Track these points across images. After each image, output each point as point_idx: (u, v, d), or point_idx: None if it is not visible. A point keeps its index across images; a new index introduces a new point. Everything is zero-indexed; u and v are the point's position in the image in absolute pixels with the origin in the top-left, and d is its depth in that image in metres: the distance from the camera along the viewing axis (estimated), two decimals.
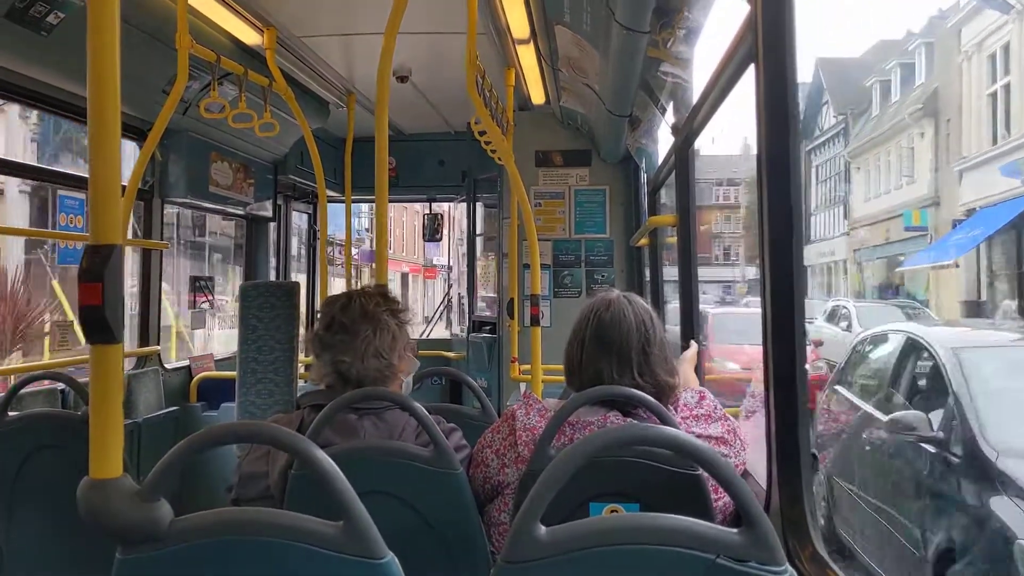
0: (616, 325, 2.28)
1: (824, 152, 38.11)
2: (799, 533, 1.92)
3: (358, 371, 2.38)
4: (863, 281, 32.63)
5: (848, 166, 35.26)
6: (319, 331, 2.46)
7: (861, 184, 33.66)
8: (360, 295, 2.47)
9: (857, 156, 34.15)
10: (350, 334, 2.39)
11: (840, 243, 35.06)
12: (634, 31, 3.39)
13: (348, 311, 2.42)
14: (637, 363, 2.25)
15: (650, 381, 2.25)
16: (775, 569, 1.27)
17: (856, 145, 34.30)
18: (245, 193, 6.24)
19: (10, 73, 3.99)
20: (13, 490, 3.08)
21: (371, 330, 2.40)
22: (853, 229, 33.81)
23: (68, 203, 4.77)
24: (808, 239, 35.04)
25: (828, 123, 38.08)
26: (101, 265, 1.39)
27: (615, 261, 6.88)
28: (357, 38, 5.03)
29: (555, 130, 6.93)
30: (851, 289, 32.75)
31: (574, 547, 1.30)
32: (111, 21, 1.42)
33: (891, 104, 31.94)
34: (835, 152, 36.93)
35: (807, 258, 33.73)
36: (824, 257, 36.46)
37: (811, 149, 38.37)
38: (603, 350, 2.27)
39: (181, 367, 5.98)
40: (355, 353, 2.38)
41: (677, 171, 4.04)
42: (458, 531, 2.18)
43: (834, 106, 37.00)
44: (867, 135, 33.23)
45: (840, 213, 35.96)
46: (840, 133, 36.59)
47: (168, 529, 1.37)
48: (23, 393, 3.45)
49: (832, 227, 36.42)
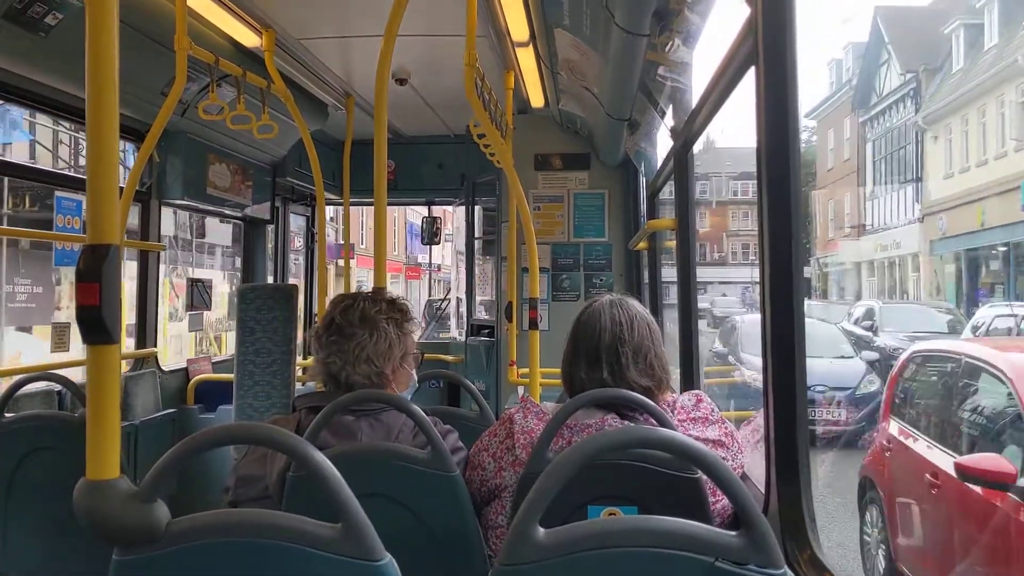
0: (613, 329, 2.28)
1: (883, 122, 30.21)
2: (798, 536, 1.92)
3: (347, 375, 2.38)
4: (941, 279, 24.99)
5: (921, 135, 27.06)
6: (319, 330, 2.46)
7: (940, 157, 25.50)
8: (365, 299, 2.47)
9: (935, 122, 26.01)
10: (344, 337, 2.39)
11: (909, 233, 27.24)
12: (633, 34, 3.39)
13: (348, 313, 2.41)
14: (635, 366, 2.25)
15: (648, 383, 2.25)
16: (774, 572, 1.26)
17: (933, 109, 26.17)
18: (243, 195, 6.24)
19: (8, 74, 3.99)
20: (9, 492, 3.07)
21: (366, 335, 2.39)
22: (930, 214, 26.08)
23: (65, 204, 4.77)
24: (862, 230, 30.89)
25: (890, 86, 29.93)
26: (98, 265, 1.39)
27: (614, 265, 6.88)
28: (356, 40, 5.03)
29: (554, 133, 6.93)
30: (926, 290, 26.03)
31: (572, 549, 1.29)
32: (110, 22, 1.42)
33: (986, 51, 23.74)
34: (900, 120, 28.96)
35: (859, 253, 28.75)
36: (884, 251, 29.03)
37: (866, 121, 31.19)
38: (601, 354, 2.26)
39: (178, 369, 5.97)
40: (345, 356, 2.38)
41: (676, 175, 4.04)
42: (455, 533, 2.18)
43: (900, 63, 28.81)
44: (948, 95, 25.37)
45: (910, 195, 27.96)
46: (908, 96, 28.52)
47: (166, 530, 1.37)
48: (19, 394, 3.44)
49: (897, 213, 28.57)
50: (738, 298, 34.07)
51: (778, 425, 1.99)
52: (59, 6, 3.68)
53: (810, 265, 31.57)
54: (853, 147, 33.26)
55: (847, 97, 33.73)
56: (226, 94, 4.86)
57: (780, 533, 1.92)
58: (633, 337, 2.28)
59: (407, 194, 8.08)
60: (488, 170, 6.87)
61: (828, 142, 35.88)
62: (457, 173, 7.81)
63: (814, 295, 30.53)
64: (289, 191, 7.59)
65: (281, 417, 2.49)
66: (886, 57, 30.02)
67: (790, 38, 1.98)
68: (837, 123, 35.10)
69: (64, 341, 4.95)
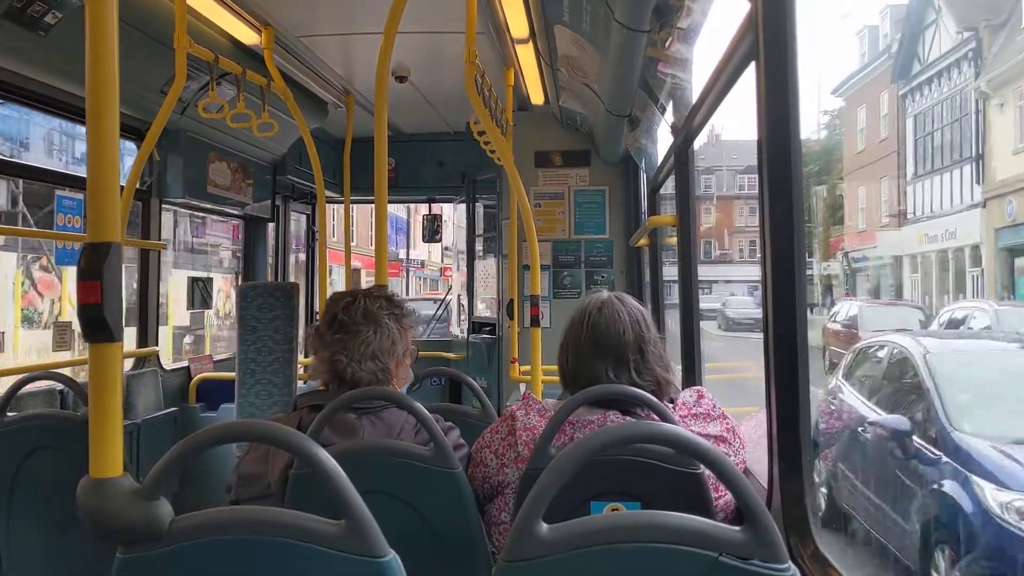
0: (611, 326, 2.27)
1: (930, 93, 25.18)
2: (801, 530, 1.92)
3: (353, 372, 2.37)
4: (1007, 274, 20.08)
5: (984, 103, 22.01)
6: (320, 328, 2.45)
7: (1008, 128, 20.69)
8: (365, 295, 2.46)
9: (1002, 87, 21.11)
10: (349, 334, 2.38)
11: (967, 220, 22.02)
12: (633, 30, 3.38)
13: (350, 310, 2.41)
14: (635, 362, 2.25)
15: (649, 379, 2.25)
16: (778, 566, 1.26)
17: (999, 71, 21.28)
18: (243, 193, 6.24)
19: (8, 73, 3.99)
20: (12, 491, 3.07)
21: (371, 331, 2.39)
22: (995, 197, 21.49)
23: (66, 203, 4.76)
24: (902, 219, 25.91)
25: (939, 49, 24.89)
26: (100, 263, 1.39)
27: (615, 262, 6.88)
28: (355, 38, 5.03)
29: (554, 130, 6.93)
30: (990, 288, 20.45)
31: (576, 545, 1.29)
32: (110, 21, 1.42)
33: None
34: (954, 87, 23.79)
35: (901, 245, 24.63)
36: (932, 243, 23.70)
37: (907, 93, 26.28)
38: (600, 353, 2.26)
39: (180, 368, 5.98)
40: (352, 354, 2.37)
41: (677, 171, 4.03)
42: (458, 530, 2.18)
43: (954, 21, 23.68)
44: (1020, 52, 20.64)
45: (967, 175, 22.67)
46: (966, 58, 23.26)
47: (169, 528, 1.36)
48: (21, 393, 3.45)
49: (950, 197, 24.04)
50: (754, 299, 30.35)
51: (780, 420, 1.99)
52: (58, 5, 3.68)
53: (837, 260, 28.75)
54: (892, 124, 27.82)
55: (884, 68, 28.48)
56: (226, 92, 4.86)
57: (783, 528, 1.92)
58: (651, 334, 2.29)
59: (407, 192, 8.07)
60: (488, 167, 6.87)
61: (858, 121, 30.32)
62: (458, 171, 7.81)
63: (837, 295, 26.44)
64: (289, 189, 7.59)
65: (282, 416, 2.49)
66: (933, 17, 24.89)
67: (790, 33, 1.98)
68: (871, 98, 29.89)
69: (66, 340, 4.95)
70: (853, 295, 25.95)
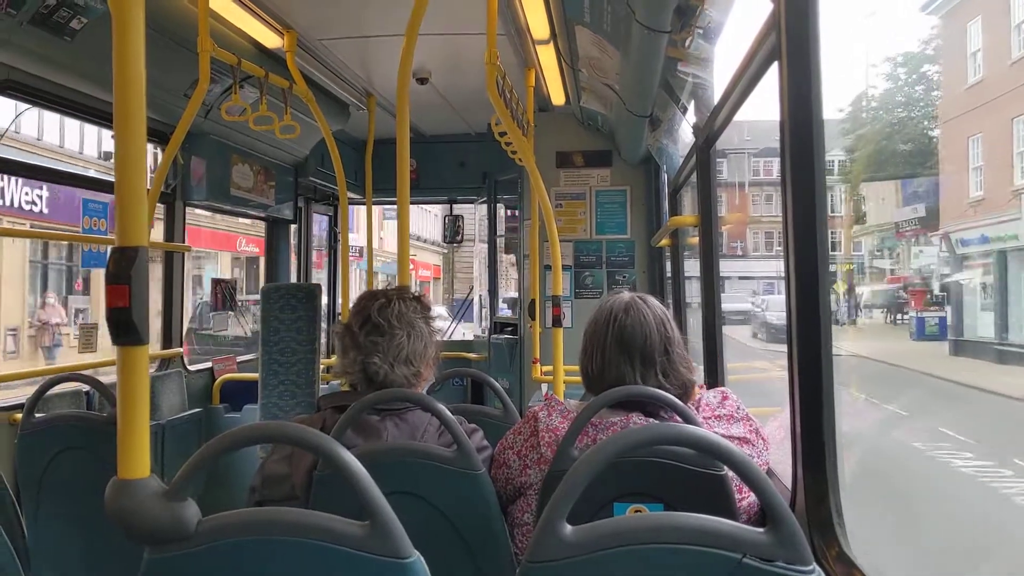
0: (637, 328, 2.26)
1: None
2: (825, 532, 1.91)
3: (386, 374, 2.35)
4: None
5: None
6: (353, 327, 2.40)
7: None
8: (399, 297, 2.43)
9: None
10: (385, 336, 2.36)
11: None
12: (655, 30, 3.38)
13: (385, 312, 2.38)
14: (661, 364, 2.25)
15: (674, 381, 2.24)
16: (803, 569, 1.26)
17: None
18: (266, 195, 6.28)
19: (36, 78, 4.03)
20: (40, 490, 3.11)
21: (405, 335, 2.37)
22: None
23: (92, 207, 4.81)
24: None
25: None
26: (127, 267, 1.40)
27: (636, 262, 6.86)
28: (376, 40, 5.05)
29: (576, 131, 6.92)
30: None
31: (599, 547, 1.30)
32: (135, 26, 1.44)
33: None
34: None
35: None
36: None
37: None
38: (626, 354, 2.25)
39: (204, 369, 6.02)
40: (386, 356, 2.35)
41: (699, 171, 4.02)
42: (481, 531, 2.19)
43: None
44: None
45: None
46: None
47: (196, 529, 1.38)
48: (49, 395, 3.49)
49: None
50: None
51: (805, 420, 1.98)
52: (84, 11, 3.72)
53: (935, 246, 18.95)
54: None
55: None
56: (248, 95, 4.90)
57: (808, 529, 1.91)
58: (675, 334, 2.29)
59: (429, 193, 8.09)
60: (510, 168, 6.88)
61: (968, 43, 19.79)
62: (479, 171, 7.82)
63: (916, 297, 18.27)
64: (312, 191, 7.62)
65: (306, 417, 2.49)
66: None
67: (813, 33, 1.97)
68: (991, 7, 19.81)
69: (91, 342, 5.00)
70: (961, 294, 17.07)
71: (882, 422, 10.76)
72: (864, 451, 8.96)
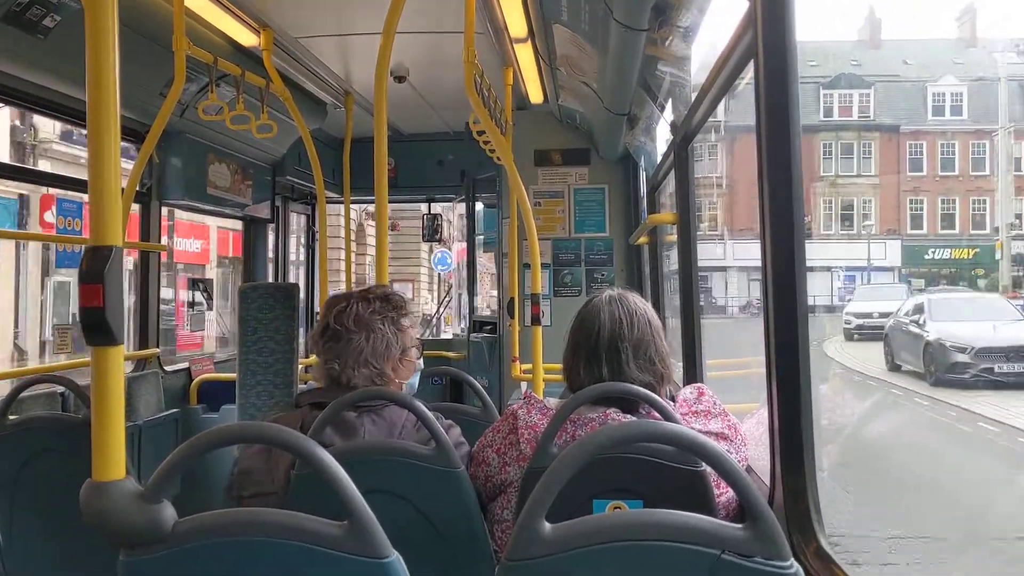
0: (610, 326, 2.27)
1: None
2: (803, 528, 1.92)
3: (348, 378, 2.37)
4: None
5: None
6: (315, 335, 2.46)
7: None
8: (358, 300, 2.44)
9: None
10: (341, 341, 2.37)
11: None
12: (632, 29, 3.38)
13: (342, 317, 2.40)
14: (632, 361, 2.25)
15: (647, 376, 2.25)
16: (781, 564, 1.26)
17: None
18: (243, 195, 6.24)
19: (8, 76, 3.99)
20: (14, 493, 3.07)
21: (363, 337, 2.37)
22: None
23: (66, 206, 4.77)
24: None
25: None
26: (101, 267, 1.39)
27: (615, 260, 6.88)
28: (354, 38, 5.03)
29: (554, 129, 6.92)
30: None
31: (579, 544, 1.30)
32: (109, 24, 1.42)
33: None
34: None
35: None
36: None
37: None
38: (597, 352, 2.26)
39: (180, 369, 5.98)
40: (345, 360, 2.37)
41: (676, 169, 4.03)
42: (461, 529, 2.18)
43: None
44: None
45: None
46: None
47: (172, 530, 1.37)
48: (23, 396, 3.45)
49: None
50: None
51: (783, 416, 1.99)
52: (57, 8, 3.68)
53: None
54: None
55: None
56: (225, 94, 4.86)
57: (786, 525, 1.92)
58: (633, 334, 2.27)
59: (407, 191, 8.07)
60: (488, 167, 6.88)
61: None
62: (457, 170, 7.81)
63: None
64: (289, 190, 7.59)
65: (284, 415, 2.49)
66: None
67: (789, 32, 1.98)
68: None
69: (66, 343, 4.95)
70: None
71: None
72: None
